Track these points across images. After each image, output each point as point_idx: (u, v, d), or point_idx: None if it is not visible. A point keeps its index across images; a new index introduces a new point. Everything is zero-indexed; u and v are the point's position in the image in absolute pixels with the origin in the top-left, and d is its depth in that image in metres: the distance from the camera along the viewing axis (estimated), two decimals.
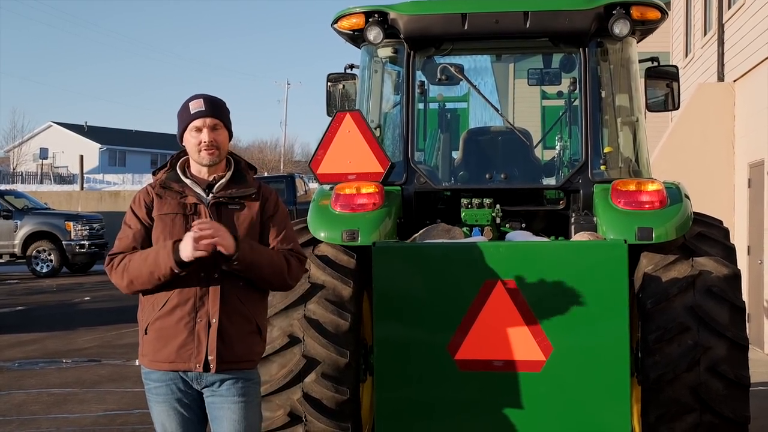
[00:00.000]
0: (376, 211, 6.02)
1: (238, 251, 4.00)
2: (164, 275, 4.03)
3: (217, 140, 4.19)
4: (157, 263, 4.03)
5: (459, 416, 5.57)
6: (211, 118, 4.18)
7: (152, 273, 4.04)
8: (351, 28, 6.66)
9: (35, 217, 24.98)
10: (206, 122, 4.17)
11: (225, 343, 4.10)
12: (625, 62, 6.84)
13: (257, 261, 4.09)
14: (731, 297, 5.55)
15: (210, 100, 4.24)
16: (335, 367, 5.63)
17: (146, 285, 4.10)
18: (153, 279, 4.05)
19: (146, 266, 4.06)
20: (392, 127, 7.10)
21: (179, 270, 4.00)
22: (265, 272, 4.14)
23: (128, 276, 4.11)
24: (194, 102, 4.22)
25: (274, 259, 4.17)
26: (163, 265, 4.01)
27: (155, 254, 4.05)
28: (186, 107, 4.23)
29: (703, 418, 5.46)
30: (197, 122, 4.17)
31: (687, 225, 5.81)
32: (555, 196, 6.73)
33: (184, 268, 4.00)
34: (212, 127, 4.18)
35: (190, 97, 4.25)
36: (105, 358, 11.64)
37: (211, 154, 4.19)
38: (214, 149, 4.18)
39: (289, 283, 4.29)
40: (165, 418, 4.20)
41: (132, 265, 4.11)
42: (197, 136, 4.18)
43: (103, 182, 59.58)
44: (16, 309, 17.22)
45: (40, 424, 8.13)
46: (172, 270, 4.00)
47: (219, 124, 4.21)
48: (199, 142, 4.17)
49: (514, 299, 5.41)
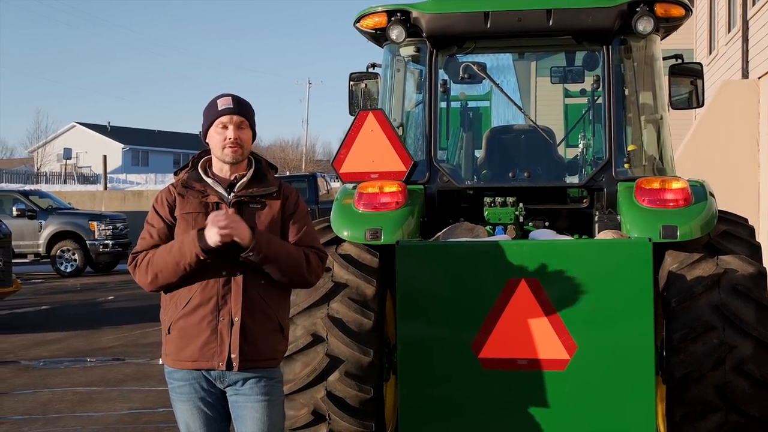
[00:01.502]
0: (399, 210, 6.02)
1: (254, 241, 4.02)
2: (190, 264, 4.04)
3: (242, 138, 4.21)
4: (182, 252, 4.05)
5: (483, 415, 5.56)
6: (238, 116, 4.21)
7: (178, 263, 4.06)
8: (373, 27, 6.66)
9: (59, 217, 25.08)
10: (233, 119, 4.20)
11: (247, 341, 4.11)
12: (649, 60, 6.80)
13: (274, 253, 4.09)
14: (757, 295, 5.52)
15: (238, 99, 4.27)
16: (359, 365, 5.64)
17: (171, 278, 4.11)
18: (179, 270, 4.07)
19: (171, 257, 4.08)
20: (415, 125, 7.09)
21: (204, 257, 4.01)
22: (283, 266, 4.13)
23: (153, 270, 4.13)
24: (222, 99, 4.25)
25: (292, 254, 4.17)
26: (188, 254, 4.03)
27: (179, 245, 4.08)
28: (214, 104, 4.25)
29: (729, 417, 5.43)
30: (224, 119, 4.20)
31: (712, 223, 5.78)
32: (578, 195, 6.71)
33: (209, 254, 4.02)
34: (238, 124, 4.21)
35: (219, 95, 4.28)
36: (129, 356, 11.68)
37: (235, 152, 4.20)
38: (238, 147, 4.20)
39: (308, 279, 4.28)
40: (189, 417, 4.22)
41: (156, 258, 4.13)
42: (223, 132, 4.20)
43: (126, 182, 59.85)
44: (40, 308, 17.32)
45: (66, 423, 8.17)
46: (197, 257, 4.02)
47: (245, 123, 4.23)
48: (224, 138, 4.19)
49: (537, 298, 5.39)
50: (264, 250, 4.06)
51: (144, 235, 4.25)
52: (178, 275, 4.10)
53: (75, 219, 25.06)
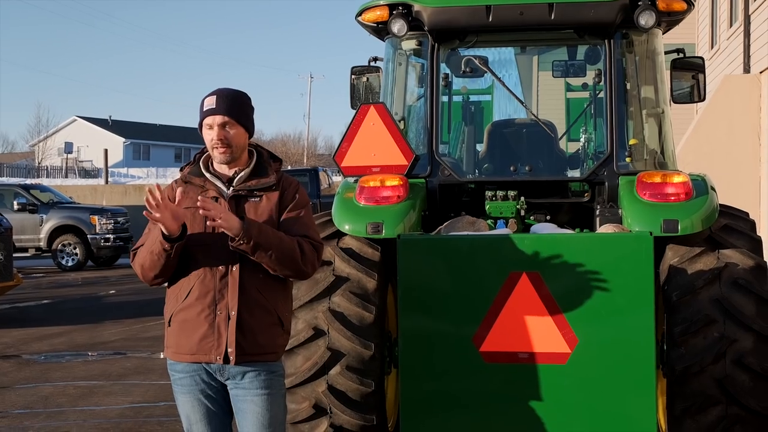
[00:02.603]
0: (400, 204, 6.02)
1: (243, 230, 3.97)
2: (159, 252, 4.03)
3: (228, 138, 4.15)
4: (153, 241, 4.07)
5: (484, 408, 5.57)
6: (221, 115, 4.14)
7: (152, 252, 4.07)
8: (375, 21, 6.65)
9: (60, 211, 25.08)
10: (215, 119, 4.14)
11: (245, 335, 4.09)
12: (651, 54, 6.80)
13: (266, 242, 4.03)
14: (757, 289, 5.52)
15: (224, 97, 4.18)
16: (360, 359, 5.64)
17: (153, 268, 4.11)
18: (153, 258, 4.07)
19: (146, 247, 4.12)
20: (416, 119, 7.09)
21: (167, 245, 4.00)
22: (275, 255, 4.06)
23: (139, 261, 4.16)
24: (208, 99, 4.19)
25: (285, 242, 4.10)
26: (156, 242, 4.04)
27: (154, 235, 4.09)
28: (202, 103, 4.21)
29: (729, 410, 5.43)
30: (208, 120, 4.16)
31: (713, 217, 5.78)
32: (580, 189, 6.71)
33: (171, 242, 4.01)
34: (222, 125, 4.14)
35: (209, 93, 4.23)
36: (130, 350, 11.69)
37: (222, 153, 4.16)
38: (225, 147, 4.15)
39: (303, 270, 4.20)
40: (189, 409, 4.22)
41: (142, 250, 4.16)
42: (210, 133, 4.17)
43: (127, 176, 59.92)
44: (41, 302, 17.33)
45: (67, 417, 8.18)
46: (162, 246, 4.01)
47: (230, 122, 4.15)
48: (210, 138, 4.17)
49: (539, 291, 5.40)
50: (255, 239, 4.00)
51: (146, 231, 4.24)
52: (156, 266, 4.08)
53: (76, 213, 25.06)
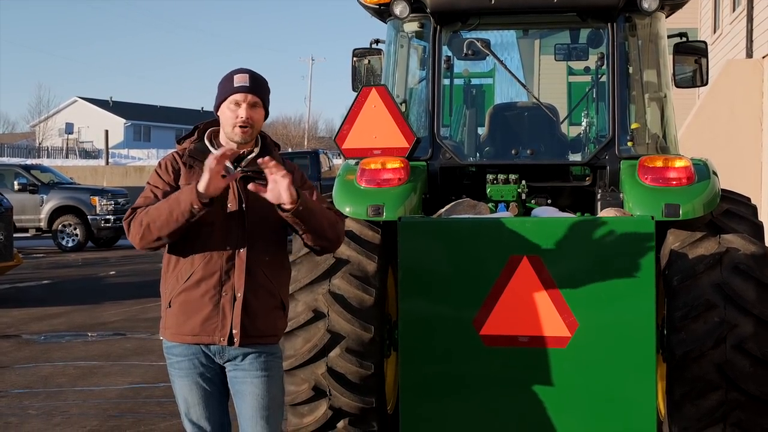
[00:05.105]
0: (401, 187, 6.00)
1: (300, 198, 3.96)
2: (182, 212, 3.92)
3: (254, 118, 4.12)
4: (178, 200, 3.94)
5: (484, 392, 5.57)
6: (252, 95, 4.11)
7: (171, 212, 3.94)
8: (377, 2, 6.62)
9: (61, 191, 25.06)
10: (247, 98, 4.10)
11: (249, 317, 4.10)
12: (654, 37, 6.77)
13: (314, 207, 4.07)
14: (758, 274, 5.51)
15: (255, 77, 4.16)
16: (360, 342, 5.64)
17: (162, 229, 3.98)
18: (171, 220, 3.94)
19: (166, 205, 3.97)
20: (418, 102, 7.07)
21: (199, 206, 3.90)
22: (324, 222, 4.12)
23: (146, 220, 4.00)
24: (239, 75, 4.14)
25: (324, 210, 4.18)
26: (183, 202, 3.92)
27: (177, 194, 3.99)
28: (230, 78, 4.14)
29: (729, 395, 5.43)
30: (238, 96, 4.09)
31: (714, 202, 5.76)
32: (581, 173, 6.70)
33: (206, 206, 3.92)
34: (252, 104, 4.11)
35: (236, 70, 4.18)
36: (130, 331, 11.71)
37: (245, 132, 4.11)
38: (249, 128, 4.11)
39: (340, 237, 4.29)
40: (187, 392, 4.21)
41: (152, 209, 4.02)
42: (235, 110, 4.10)
43: (128, 157, 59.87)
44: (42, 283, 17.34)
45: (67, 397, 8.20)
46: (191, 207, 3.89)
47: (258, 103, 4.13)
48: (236, 116, 4.10)
49: (539, 275, 5.39)
50: (308, 203, 4.02)
51: (146, 193, 4.14)
52: (170, 227, 3.96)
53: (76, 194, 25.05)
